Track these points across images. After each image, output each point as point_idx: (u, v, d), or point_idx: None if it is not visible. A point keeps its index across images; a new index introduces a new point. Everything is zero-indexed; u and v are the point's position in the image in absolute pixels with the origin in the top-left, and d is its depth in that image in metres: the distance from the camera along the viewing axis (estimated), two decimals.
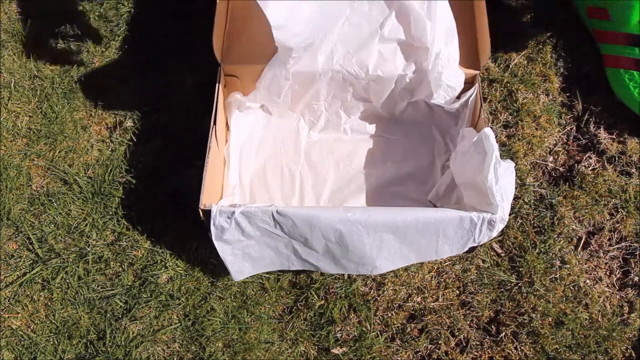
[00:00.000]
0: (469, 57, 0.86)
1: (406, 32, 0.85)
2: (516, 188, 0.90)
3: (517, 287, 0.86)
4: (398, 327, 0.84)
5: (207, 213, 0.73)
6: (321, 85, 0.88)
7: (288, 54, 0.81)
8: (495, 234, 0.72)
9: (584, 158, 0.94)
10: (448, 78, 0.83)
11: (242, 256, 0.77)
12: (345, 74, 0.86)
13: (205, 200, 0.75)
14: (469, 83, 0.86)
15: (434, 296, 0.86)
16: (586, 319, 0.84)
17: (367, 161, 0.92)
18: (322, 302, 0.85)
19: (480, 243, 0.74)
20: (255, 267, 0.79)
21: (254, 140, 0.93)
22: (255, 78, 0.88)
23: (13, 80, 1.01)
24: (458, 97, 0.87)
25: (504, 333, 0.83)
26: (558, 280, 0.86)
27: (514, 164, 0.75)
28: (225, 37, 0.88)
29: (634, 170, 0.93)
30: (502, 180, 0.71)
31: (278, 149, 0.93)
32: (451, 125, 0.91)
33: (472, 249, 0.78)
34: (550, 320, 0.84)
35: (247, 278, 0.82)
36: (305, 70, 0.85)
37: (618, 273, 0.88)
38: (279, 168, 0.91)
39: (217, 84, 0.84)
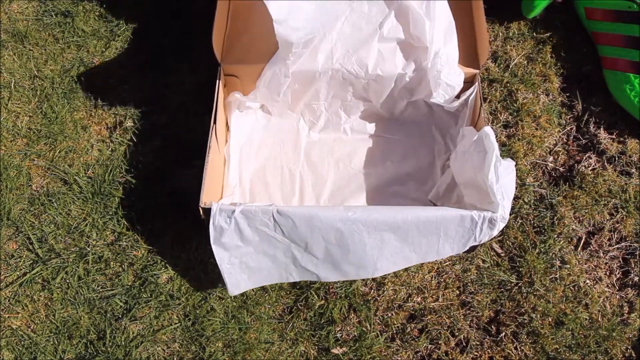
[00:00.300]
0: (468, 56, 0.86)
1: (405, 31, 0.86)
2: (516, 188, 0.90)
3: (517, 287, 0.86)
4: (398, 327, 0.84)
5: (207, 211, 0.73)
6: (321, 85, 0.88)
7: (288, 50, 0.81)
8: (496, 232, 0.72)
9: (584, 158, 0.94)
10: (447, 77, 0.83)
11: (239, 266, 0.76)
12: (345, 73, 0.86)
13: (206, 199, 0.75)
14: (468, 82, 0.86)
15: (434, 296, 0.85)
16: (586, 319, 0.84)
17: (367, 161, 0.92)
18: (322, 302, 0.85)
19: (481, 242, 0.74)
20: (253, 280, 0.78)
21: (254, 140, 0.93)
22: (255, 78, 0.88)
23: (13, 80, 1.01)
24: (458, 97, 0.87)
25: (504, 333, 0.83)
26: (558, 280, 0.86)
27: (514, 163, 0.75)
28: (225, 37, 0.88)
29: (634, 170, 0.93)
30: (503, 178, 0.71)
31: (278, 149, 0.93)
32: (451, 125, 0.91)
33: (472, 248, 0.78)
34: (550, 320, 0.84)
35: None
36: (305, 70, 0.86)
37: (618, 273, 0.87)
38: (279, 168, 0.91)
39: (217, 84, 0.84)
